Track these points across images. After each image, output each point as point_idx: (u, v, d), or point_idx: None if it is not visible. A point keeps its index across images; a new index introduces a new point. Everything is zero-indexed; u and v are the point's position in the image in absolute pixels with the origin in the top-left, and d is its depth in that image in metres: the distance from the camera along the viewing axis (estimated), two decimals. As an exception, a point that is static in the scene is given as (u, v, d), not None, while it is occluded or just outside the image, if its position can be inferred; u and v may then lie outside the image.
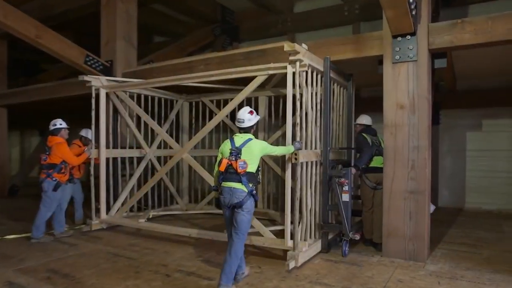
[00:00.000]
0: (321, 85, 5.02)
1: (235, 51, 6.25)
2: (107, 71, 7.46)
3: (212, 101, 7.99)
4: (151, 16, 10.35)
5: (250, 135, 3.94)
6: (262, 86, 6.48)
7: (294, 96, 4.52)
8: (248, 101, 7.01)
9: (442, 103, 8.27)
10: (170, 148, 7.50)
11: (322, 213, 4.99)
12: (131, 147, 7.21)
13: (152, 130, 7.23)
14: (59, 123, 5.74)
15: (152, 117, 7.14)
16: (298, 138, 4.43)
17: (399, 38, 4.70)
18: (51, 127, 5.72)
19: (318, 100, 4.98)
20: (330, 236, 5.09)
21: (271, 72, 4.94)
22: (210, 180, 5.13)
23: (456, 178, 8.58)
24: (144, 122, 6.96)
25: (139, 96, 7.15)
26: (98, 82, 6.42)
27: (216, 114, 7.64)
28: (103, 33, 7.68)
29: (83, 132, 6.66)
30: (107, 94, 6.62)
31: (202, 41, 10.71)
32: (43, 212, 5.58)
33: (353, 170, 5.02)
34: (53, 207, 5.64)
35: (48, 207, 5.58)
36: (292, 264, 4.30)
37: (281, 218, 6.28)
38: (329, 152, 4.93)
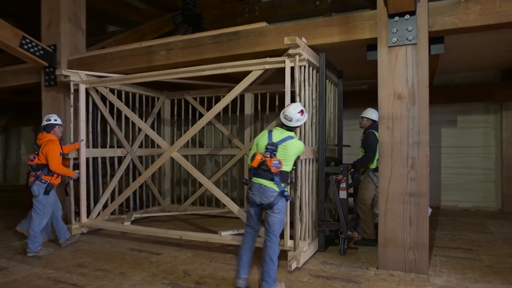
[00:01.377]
0: (317, 81, 4.89)
1: (202, 34, 5.35)
2: (49, 57, 6.32)
3: (195, 98, 7.64)
4: (105, 1, 9.27)
5: (291, 133, 3.67)
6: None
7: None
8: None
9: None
10: (152, 147, 7.61)
11: (319, 211, 4.89)
12: (111, 147, 6.72)
13: (133, 129, 7.17)
14: (54, 119, 5.06)
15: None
16: (298, 136, 4.01)
17: (397, 18, 4.05)
18: (44, 122, 5.04)
19: (314, 97, 4.81)
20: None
21: (267, 66, 4.60)
22: (202, 180, 5.25)
23: (431, 175, 8.04)
24: (124, 120, 6.76)
25: (119, 92, 6.58)
26: (77, 77, 5.91)
27: (199, 112, 7.62)
28: (44, 14, 6.52)
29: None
30: (86, 90, 6.06)
31: (162, 29, 9.75)
32: (37, 220, 4.83)
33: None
34: (48, 213, 4.92)
35: (41, 214, 4.84)
36: (294, 265, 4.14)
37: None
38: (325, 149, 4.85)
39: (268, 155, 3.46)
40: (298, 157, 4.01)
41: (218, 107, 5.15)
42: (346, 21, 4.49)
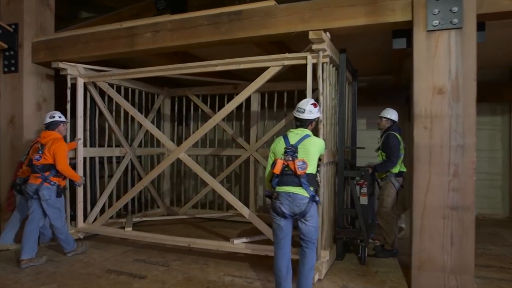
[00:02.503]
0: (336, 80, 4.38)
1: (197, 13, 4.28)
2: (9, 37, 5.17)
3: (198, 96, 6.95)
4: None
5: (307, 131, 3.26)
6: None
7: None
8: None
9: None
10: (152, 146, 6.91)
11: (337, 217, 4.37)
12: (109, 146, 6.02)
13: (132, 127, 6.56)
14: (58, 116, 4.48)
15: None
16: (321, 137, 3.70)
17: None
18: (48, 120, 4.43)
19: (333, 96, 4.29)
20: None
21: (286, 63, 4.07)
22: (213, 184, 4.70)
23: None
24: (123, 118, 6.14)
25: (118, 88, 5.84)
26: (75, 70, 5.21)
27: (202, 110, 6.89)
28: (4, -13, 5.44)
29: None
30: (84, 85, 5.32)
31: (143, 14, 8.66)
32: (59, 224, 4.37)
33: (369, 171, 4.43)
34: (63, 214, 4.53)
35: (60, 217, 4.40)
36: (316, 277, 3.62)
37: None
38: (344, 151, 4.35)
39: (290, 158, 3.07)
40: (321, 159, 3.52)
41: (231, 106, 4.57)
42: (373, 0, 3.66)
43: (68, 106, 5.17)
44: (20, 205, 4.73)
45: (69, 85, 5.19)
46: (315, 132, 3.50)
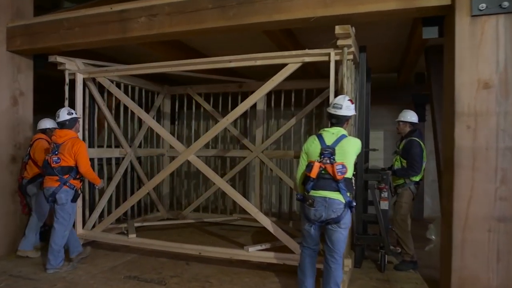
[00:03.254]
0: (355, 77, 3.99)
1: None
2: None
3: (200, 94, 6.45)
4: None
5: (343, 131, 2.97)
6: (262, 79, 5.49)
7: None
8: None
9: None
10: (151, 147, 6.44)
11: (357, 224, 4.00)
12: (108, 146, 5.56)
13: (132, 127, 6.09)
14: (75, 112, 4.08)
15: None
16: None
17: None
18: (66, 117, 3.95)
19: (353, 95, 3.85)
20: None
21: (307, 59, 3.73)
22: (225, 187, 4.27)
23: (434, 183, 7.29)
24: (123, 116, 5.72)
25: (117, 85, 5.30)
26: (73, 65, 4.69)
27: (204, 109, 6.48)
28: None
29: (48, 123, 4.61)
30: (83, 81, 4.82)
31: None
32: (61, 232, 3.87)
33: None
34: (72, 223, 4.01)
35: (66, 224, 3.90)
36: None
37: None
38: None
39: (328, 161, 2.81)
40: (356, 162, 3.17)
41: (245, 105, 4.19)
42: None
43: (66, 103, 4.61)
44: (36, 206, 4.42)
45: (67, 81, 4.63)
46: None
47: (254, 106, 6.18)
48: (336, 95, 3.39)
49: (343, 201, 2.81)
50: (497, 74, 2.82)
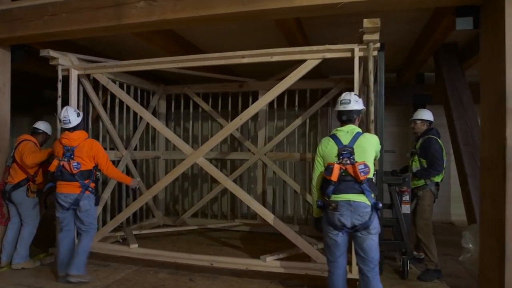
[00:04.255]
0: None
1: None
2: None
3: (198, 94, 6.08)
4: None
5: (357, 128, 2.79)
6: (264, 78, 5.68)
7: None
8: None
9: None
10: (147, 149, 6.09)
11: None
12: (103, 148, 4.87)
13: (127, 128, 5.69)
14: (79, 111, 3.78)
15: (127, 110, 5.39)
16: None
17: None
18: (77, 119, 3.61)
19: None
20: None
21: (328, 55, 3.48)
22: (236, 191, 3.95)
23: (441, 186, 7.23)
24: (118, 116, 5.39)
25: (112, 82, 4.76)
26: (67, 60, 4.24)
27: (202, 108, 6.13)
28: None
29: (42, 126, 4.27)
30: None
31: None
32: (89, 240, 3.64)
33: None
34: (96, 226, 3.81)
35: (92, 232, 3.68)
36: None
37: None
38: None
39: (348, 161, 2.62)
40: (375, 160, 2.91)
41: (260, 104, 3.95)
42: None
43: (59, 101, 4.17)
44: (13, 215, 4.09)
45: (60, 77, 4.20)
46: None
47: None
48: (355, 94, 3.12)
49: (369, 203, 2.60)
50: (553, 67, 2.53)
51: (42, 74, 6.40)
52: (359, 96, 2.95)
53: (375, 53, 3.30)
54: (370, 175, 2.64)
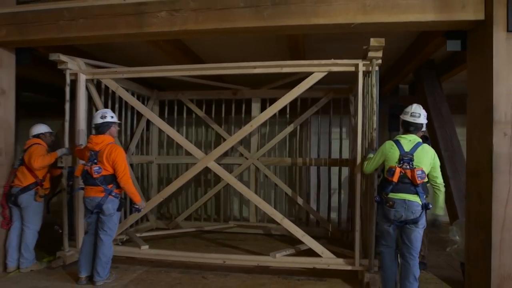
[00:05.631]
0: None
1: None
2: None
3: (192, 100, 6.23)
4: None
5: (418, 138, 3.16)
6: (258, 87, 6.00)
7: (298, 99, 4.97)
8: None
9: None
10: (142, 154, 6.13)
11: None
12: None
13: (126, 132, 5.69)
14: (110, 115, 3.73)
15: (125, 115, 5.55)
16: (375, 145, 3.66)
17: None
18: (98, 120, 3.67)
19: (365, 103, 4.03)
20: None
21: (334, 69, 3.87)
22: (246, 193, 4.26)
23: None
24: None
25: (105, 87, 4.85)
26: (75, 65, 4.33)
27: (195, 114, 6.27)
28: None
29: (42, 129, 4.30)
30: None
31: None
32: (109, 243, 3.67)
33: None
34: (115, 231, 3.82)
35: (113, 234, 3.73)
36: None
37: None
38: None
39: (408, 166, 3.03)
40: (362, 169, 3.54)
41: (271, 111, 4.25)
42: None
43: (67, 106, 4.24)
44: (15, 219, 4.10)
45: (68, 81, 4.27)
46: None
47: (249, 113, 6.13)
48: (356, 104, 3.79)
49: (421, 203, 3.03)
50: (532, 86, 3.04)
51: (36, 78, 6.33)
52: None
53: (376, 68, 3.69)
54: (425, 180, 3.05)
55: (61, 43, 3.99)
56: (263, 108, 6.07)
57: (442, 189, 3.11)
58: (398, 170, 3.04)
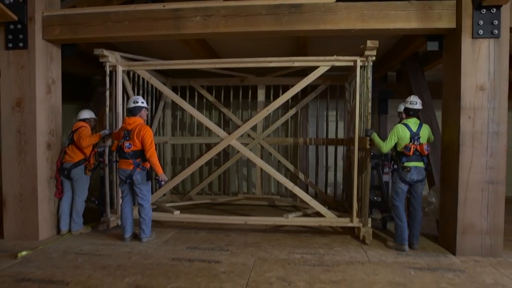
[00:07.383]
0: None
1: (254, 1, 4.24)
2: (19, 8, 4.40)
3: (203, 86, 7.05)
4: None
5: (418, 120, 4.32)
6: (263, 75, 6.89)
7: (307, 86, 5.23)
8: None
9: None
10: (158, 135, 6.86)
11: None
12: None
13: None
14: (141, 101, 4.50)
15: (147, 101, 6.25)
16: (369, 126, 4.55)
17: (484, 11, 3.96)
18: (131, 104, 4.46)
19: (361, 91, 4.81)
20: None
21: (337, 64, 4.75)
22: (264, 167, 5.12)
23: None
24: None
25: (134, 75, 5.79)
26: (113, 58, 5.11)
27: (206, 100, 7.13)
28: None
29: (87, 114, 5.12)
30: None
31: None
32: (148, 205, 4.52)
33: None
34: (150, 196, 4.62)
35: (149, 199, 4.54)
36: (369, 239, 4.49)
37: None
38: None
39: (417, 143, 4.17)
40: (366, 144, 4.54)
41: (284, 97, 5.11)
42: (423, 7, 4.09)
43: (107, 94, 4.97)
44: (67, 189, 4.89)
45: (108, 72, 5.00)
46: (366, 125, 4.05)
47: (255, 98, 6.99)
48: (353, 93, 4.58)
49: (424, 167, 4.24)
50: (489, 81, 3.98)
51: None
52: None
53: (371, 63, 4.57)
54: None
55: (106, 41, 4.69)
56: (267, 94, 6.95)
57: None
58: (412, 146, 4.14)
